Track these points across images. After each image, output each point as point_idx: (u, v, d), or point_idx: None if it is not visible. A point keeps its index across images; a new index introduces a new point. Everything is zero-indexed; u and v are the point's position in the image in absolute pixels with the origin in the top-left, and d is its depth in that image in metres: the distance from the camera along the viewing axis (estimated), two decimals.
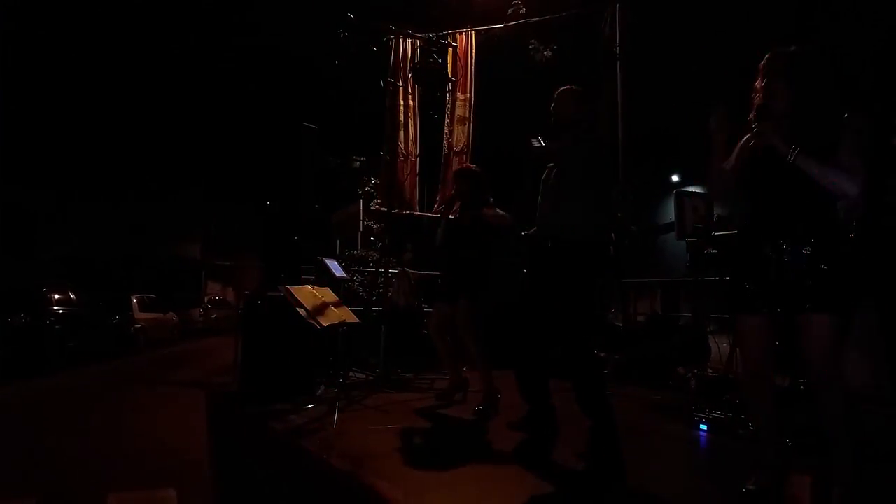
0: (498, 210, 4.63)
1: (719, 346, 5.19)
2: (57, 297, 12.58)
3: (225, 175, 24.58)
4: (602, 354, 5.76)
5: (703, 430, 3.78)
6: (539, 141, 3.55)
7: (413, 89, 7.55)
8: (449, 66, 7.58)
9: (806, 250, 2.37)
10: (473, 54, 7.74)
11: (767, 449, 2.57)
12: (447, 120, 7.74)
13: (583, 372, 3.22)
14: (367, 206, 9.79)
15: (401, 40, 7.50)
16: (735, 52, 2.60)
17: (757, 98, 2.53)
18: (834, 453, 2.36)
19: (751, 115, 2.53)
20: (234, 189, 24.51)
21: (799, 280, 2.35)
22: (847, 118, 2.42)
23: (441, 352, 4.88)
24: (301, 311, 4.16)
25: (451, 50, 7.63)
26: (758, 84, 2.56)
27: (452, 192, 4.92)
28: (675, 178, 18.26)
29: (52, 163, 21.54)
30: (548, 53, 7.85)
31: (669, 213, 5.71)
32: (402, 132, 7.48)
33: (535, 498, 2.60)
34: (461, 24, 7.74)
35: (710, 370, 4.65)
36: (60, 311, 12.29)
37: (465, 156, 7.58)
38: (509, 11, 7.68)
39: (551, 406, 3.60)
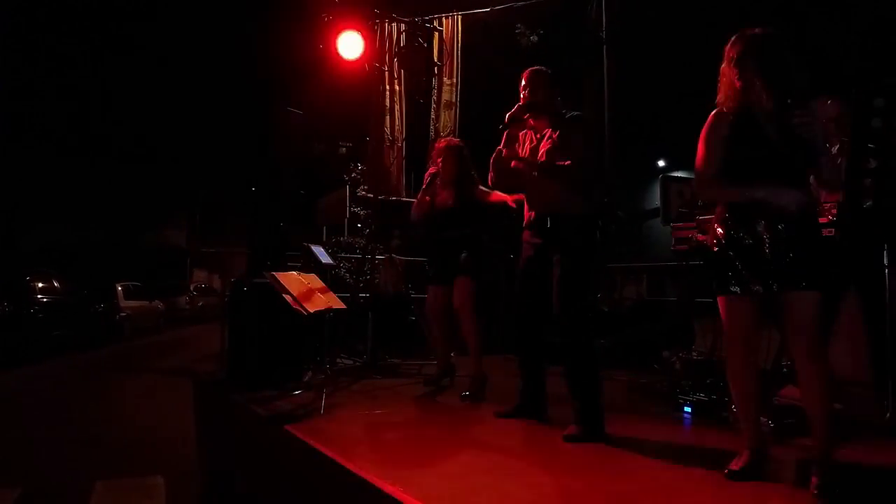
0: (482, 188, 4.46)
1: (703, 329, 5.23)
2: (40, 285, 12.46)
3: (210, 161, 24.39)
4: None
5: (687, 413, 3.82)
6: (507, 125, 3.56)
7: (398, 74, 7.48)
8: (435, 50, 7.53)
9: (802, 229, 2.40)
10: (460, 39, 7.69)
11: (750, 431, 2.61)
12: (433, 105, 7.69)
13: (577, 355, 3.23)
14: (353, 193, 9.75)
15: (385, 24, 7.42)
16: (722, 36, 2.58)
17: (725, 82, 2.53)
18: (815, 432, 2.40)
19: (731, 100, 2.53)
20: (220, 175, 24.35)
21: (793, 258, 2.37)
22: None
23: (436, 335, 4.85)
24: (287, 297, 4.14)
25: (436, 34, 7.57)
26: (724, 68, 2.57)
27: (434, 169, 4.73)
28: (661, 163, 18.28)
29: (35, 149, 21.26)
30: (534, 38, 7.82)
31: (655, 198, 5.74)
32: (387, 117, 7.42)
33: (522, 481, 2.62)
34: (447, 7, 7.67)
35: (694, 353, 4.68)
36: (44, 300, 12.18)
37: None
38: None
39: (543, 391, 3.62)
